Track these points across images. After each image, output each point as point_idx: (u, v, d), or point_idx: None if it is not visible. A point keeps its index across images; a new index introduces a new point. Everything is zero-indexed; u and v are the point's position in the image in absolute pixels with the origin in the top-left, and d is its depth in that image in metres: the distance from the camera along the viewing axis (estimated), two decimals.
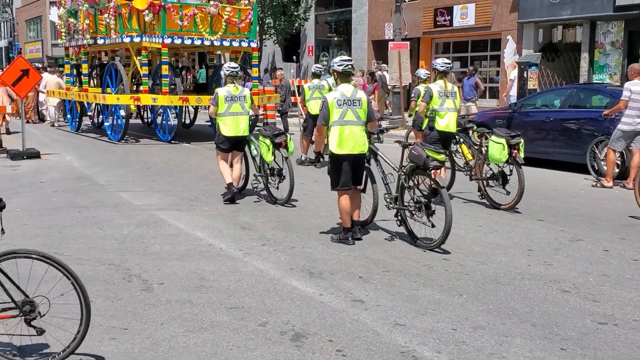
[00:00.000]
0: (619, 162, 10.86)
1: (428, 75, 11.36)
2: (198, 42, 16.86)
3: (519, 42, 21.02)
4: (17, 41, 55.80)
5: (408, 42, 21.75)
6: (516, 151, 8.43)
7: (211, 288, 5.56)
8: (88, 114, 21.20)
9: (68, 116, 21.06)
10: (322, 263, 6.30)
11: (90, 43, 18.22)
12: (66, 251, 6.66)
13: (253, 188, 9.71)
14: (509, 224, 7.98)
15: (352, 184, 7.10)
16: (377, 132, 7.68)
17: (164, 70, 16.44)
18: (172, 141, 16.75)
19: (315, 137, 7.22)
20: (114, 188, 10.28)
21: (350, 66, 7.02)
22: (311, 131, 12.39)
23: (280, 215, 8.39)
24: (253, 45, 17.63)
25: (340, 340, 4.49)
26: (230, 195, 9.12)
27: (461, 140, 9.65)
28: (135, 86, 18.32)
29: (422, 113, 9.30)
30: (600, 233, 7.57)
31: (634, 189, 8.55)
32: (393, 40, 21.57)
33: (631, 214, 8.46)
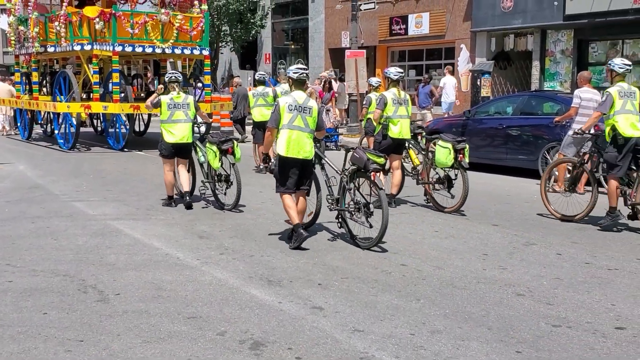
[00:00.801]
0: (570, 168, 11.12)
1: (380, 82, 11.51)
2: (149, 50, 16.87)
3: (472, 51, 21.37)
4: None
5: (364, 50, 21.93)
6: (461, 156, 8.70)
7: (168, 298, 5.51)
8: (39, 123, 20.94)
9: (19, 124, 20.73)
10: (281, 271, 6.30)
11: (40, 51, 18.03)
12: (19, 262, 6.52)
13: (201, 194, 9.75)
14: (465, 229, 8.10)
15: (297, 187, 7.30)
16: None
17: (115, 78, 16.40)
18: (124, 149, 16.66)
19: (265, 138, 7.44)
20: (69, 198, 10.10)
21: (305, 74, 7.30)
22: (260, 138, 12.38)
23: (238, 223, 8.36)
24: (205, 53, 17.77)
25: (299, 347, 4.50)
26: (167, 203, 9.41)
27: (409, 145, 9.85)
28: (86, 94, 18.18)
29: (377, 120, 9.45)
30: (552, 237, 7.74)
31: (541, 191, 9.04)
32: (350, 48, 21.72)
33: (586, 218, 8.66)
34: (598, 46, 18.93)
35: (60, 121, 17.83)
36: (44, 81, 19.95)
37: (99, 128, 21.30)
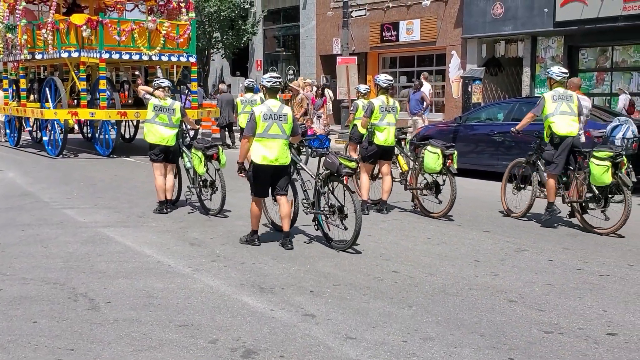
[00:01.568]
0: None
1: (368, 90, 11.55)
2: (136, 57, 17.01)
3: (463, 57, 21.47)
4: None
5: (356, 57, 21.99)
6: (450, 161, 8.83)
7: (160, 306, 5.48)
8: (27, 129, 21.04)
9: (7, 131, 20.83)
10: (273, 278, 6.28)
11: (28, 58, 18.14)
12: (9, 270, 6.48)
13: (186, 199, 9.81)
14: (457, 236, 8.11)
15: (275, 193, 7.53)
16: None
17: (102, 85, 16.52)
18: (112, 155, 16.74)
19: (241, 147, 7.61)
20: (59, 205, 10.05)
21: (278, 82, 7.46)
22: None
23: (230, 230, 8.33)
24: (192, 60, 17.97)
25: (291, 355, 4.48)
26: (159, 210, 9.45)
27: (398, 152, 9.89)
28: (75, 101, 18.31)
29: (364, 127, 9.49)
30: (544, 243, 7.75)
31: (501, 192, 9.53)
32: (341, 55, 21.77)
33: (578, 224, 8.69)
34: (588, 53, 19.06)
35: (48, 128, 17.90)
36: (32, 88, 20.03)
37: (88, 134, 21.34)
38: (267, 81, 7.40)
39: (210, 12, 28.19)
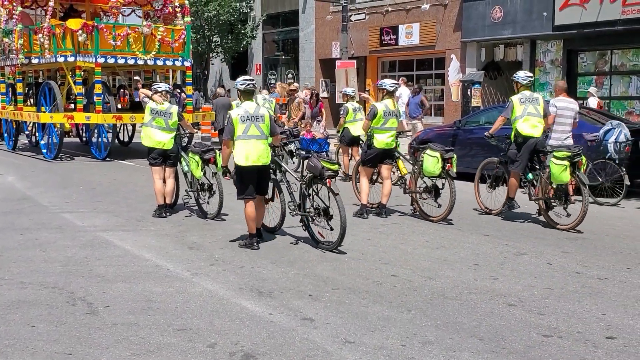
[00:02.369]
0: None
1: (355, 92, 11.62)
2: (132, 62, 17.19)
3: (463, 61, 21.48)
4: None
5: (355, 61, 22.00)
6: (449, 165, 8.89)
7: (158, 310, 5.47)
8: (25, 133, 21.29)
9: (5, 135, 20.96)
10: (272, 282, 6.27)
11: (24, 62, 18.31)
12: (7, 275, 6.47)
13: (184, 203, 9.80)
14: (456, 240, 8.10)
15: (257, 193, 7.61)
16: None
17: (97, 89, 16.72)
18: (107, 159, 16.91)
19: (222, 151, 7.82)
20: (58, 209, 10.04)
21: (251, 85, 7.61)
22: None
23: (228, 234, 8.32)
24: (186, 64, 18.18)
25: (290, 359, 4.47)
26: (157, 214, 9.46)
27: (398, 155, 9.90)
28: (72, 105, 18.48)
29: (365, 130, 9.51)
30: (543, 247, 7.75)
31: (475, 192, 10.02)
32: (340, 58, 21.79)
33: (577, 228, 8.69)
34: (587, 56, 19.07)
35: (44, 131, 18.10)
36: (30, 92, 20.15)
37: (84, 138, 21.50)
38: (241, 84, 7.55)
39: (209, 17, 28.22)
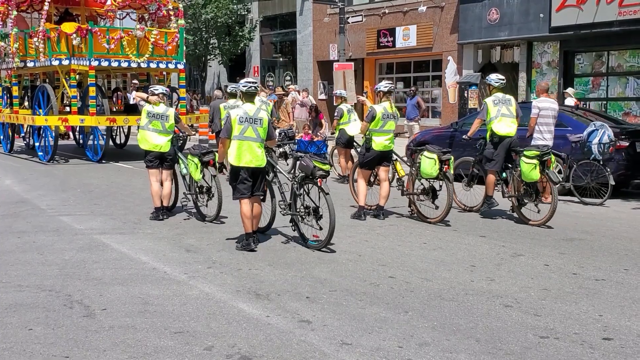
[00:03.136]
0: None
1: (344, 94, 11.81)
2: (125, 65, 17.34)
3: (459, 63, 21.51)
4: None
5: (352, 63, 22.03)
6: (446, 166, 8.93)
7: (155, 313, 5.47)
8: (21, 136, 21.50)
9: (2, 138, 21.06)
10: (269, 284, 6.27)
11: (20, 66, 18.42)
12: (4, 278, 6.46)
13: (182, 206, 9.84)
14: (453, 241, 8.11)
15: (253, 193, 7.69)
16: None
17: (91, 92, 16.83)
18: (102, 161, 17.05)
19: (219, 149, 7.94)
20: (55, 212, 10.04)
21: (253, 87, 7.70)
22: None
23: (226, 236, 8.33)
24: (180, 66, 18.35)
25: None
26: (155, 217, 9.45)
27: (395, 157, 9.93)
28: (67, 107, 18.69)
29: (363, 132, 9.52)
30: (540, 248, 7.76)
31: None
32: (338, 60, 21.81)
33: (574, 229, 8.71)
34: (584, 57, 19.10)
35: (40, 134, 18.22)
36: (26, 95, 20.27)
37: (80, 140, 21.58)
38: (243, 86, 7.69)
39: (207, 19, 28.24)
